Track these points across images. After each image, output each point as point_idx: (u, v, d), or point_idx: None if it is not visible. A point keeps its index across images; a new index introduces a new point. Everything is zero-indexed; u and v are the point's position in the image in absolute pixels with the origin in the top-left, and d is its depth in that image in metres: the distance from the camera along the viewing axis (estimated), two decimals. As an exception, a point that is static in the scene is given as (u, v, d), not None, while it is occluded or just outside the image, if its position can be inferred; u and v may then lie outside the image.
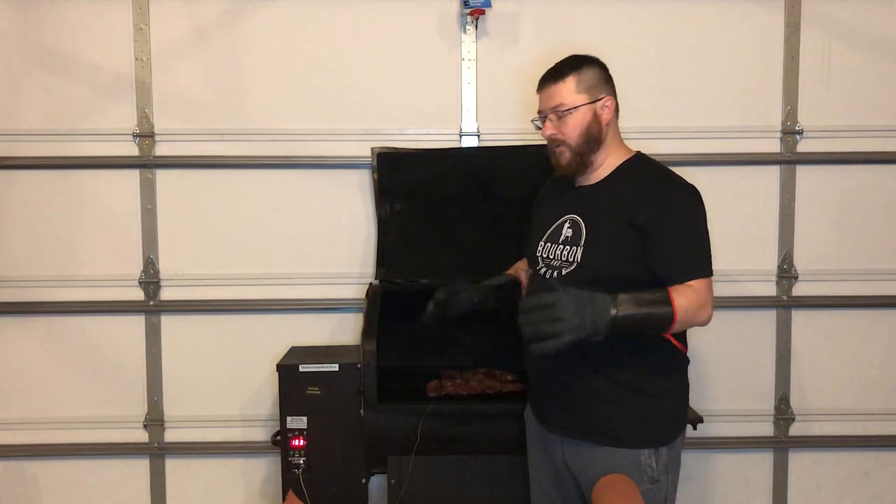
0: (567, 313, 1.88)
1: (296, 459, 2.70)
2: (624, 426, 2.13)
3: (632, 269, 2.08)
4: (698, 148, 3.12)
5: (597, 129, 2.18)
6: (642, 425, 2.14)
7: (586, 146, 2.18)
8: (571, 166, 2.20)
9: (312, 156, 3.13)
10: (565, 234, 2.20)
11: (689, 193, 2.14)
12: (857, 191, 3.18)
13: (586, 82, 2.18)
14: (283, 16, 3.11)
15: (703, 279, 2.06)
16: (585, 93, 2.17)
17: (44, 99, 3.11)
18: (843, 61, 3.14)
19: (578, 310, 1.89)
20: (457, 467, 2.66)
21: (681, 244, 2.07)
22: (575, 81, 2.17)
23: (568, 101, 2.17)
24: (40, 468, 3.23)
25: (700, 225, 2.12)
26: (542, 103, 2.23)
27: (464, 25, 3.10)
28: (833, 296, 3.20)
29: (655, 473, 2.13)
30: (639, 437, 2.13)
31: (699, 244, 2.09)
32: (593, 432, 2.16)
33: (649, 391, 2.14)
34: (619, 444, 2.13)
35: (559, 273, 2.17)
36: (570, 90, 2.17)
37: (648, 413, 2.14)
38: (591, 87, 2.18)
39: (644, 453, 2.12)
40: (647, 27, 3.13)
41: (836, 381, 3.24)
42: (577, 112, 2.17)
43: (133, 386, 3.20)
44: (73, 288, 3.15)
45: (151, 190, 3.14)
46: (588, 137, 2.17)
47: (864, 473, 3.28)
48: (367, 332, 2.65)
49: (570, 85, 2.17)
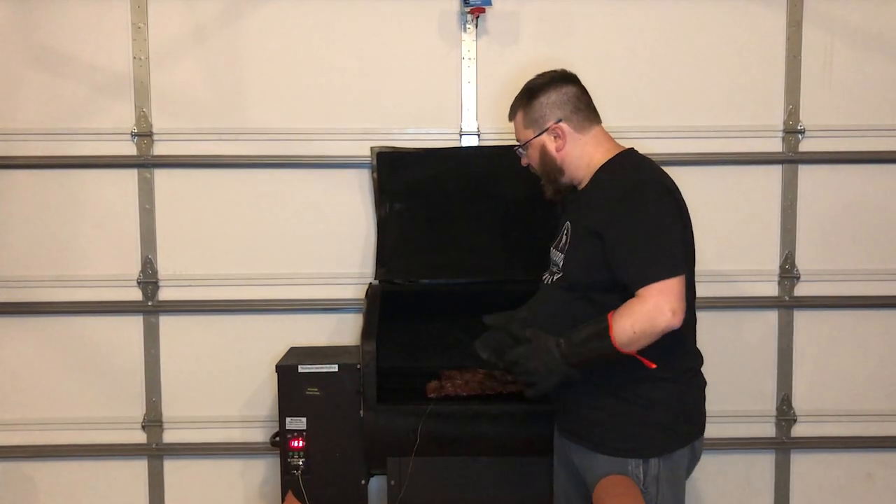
0: (531, 366, 2.04)
1: (295, 461, 2.68)
2: (611, 434, 2.10)
3: (600, 275, 2.05)
4: (699, 147, 3.10)
5: (549, 159, 2.20)
6: (629, 435, 2.09)
7: (549, 174, 2.22)
8: (550, 192, 2.25)
9: (312, 155, 3.12)
10: (563, 241, 2.20)
11: (648, 190, 2.05)
12: (859, 190, 3.17)
13: (532, 115, 2.19)
14: (281, 14, 3.10)
15: (656, 283, 1.96)
16: (531, 127, 2.20)
17: (41, 98, 3.09)
18: (845, 60, 3.13)
19: (539, 361, 2.03)
20: (457, 468, 2.65)
21: (633, 247, 2.00)
22: (522, 116, 2.22)
23: (521, 137, 2.24)
24: (37, 469, 3.22)
25: (655, 223, 2.01)
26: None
27: (464, 24, 3.09)
28: (835, 296, 3.19)
29: (643, 484, 2.07)
30: (625, 447, 2.09)
31: (654, 244, 1.99)
32: (585, 437, 2.16)
33: (637, 400, 2.09)
34: (605, 452, 2.11)
35: (552, 279, 2.20)
36: (520, 126, 2.23)
37: (636, 422, 2.09)
38: (537, 120, 2.19)
39: (631, 463, 2.08)
40: (648, 25, 3.12)
41: (839, 381, 3.23)
42: (530, 146, 2.22)
43: (131, 387, 3.19)
44: (70, 288, 3.14)
45: (150, 189, 3.13)
46: (545, 167, 2.22)
47: (867, 475, 3.27)
48: (366, 333, 2.64)
49: (519, 121, 2.24)
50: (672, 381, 2.11)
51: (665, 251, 1.99)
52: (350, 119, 3.12)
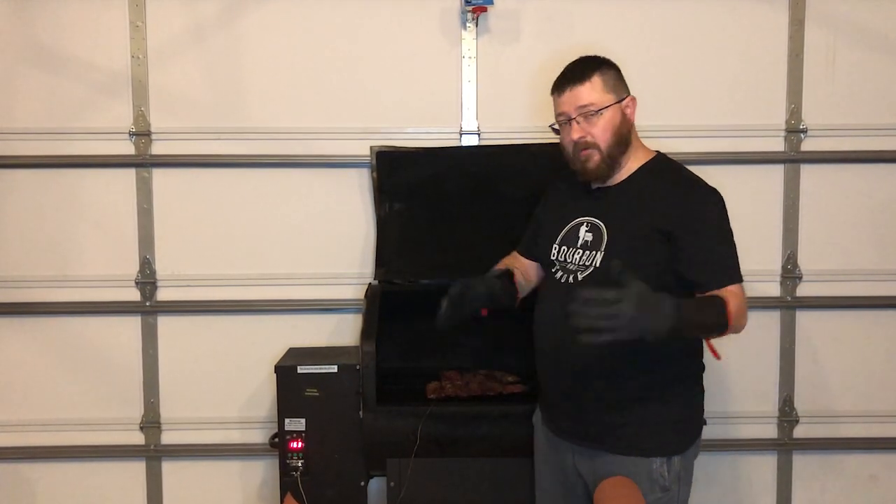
0: (629, 311, 1.76)
1: (294, 462, 2.68)
2: (636, 434, 2.10)
3: (656, 275, 1.99)
4: (700, 147, 3.09)
5: (626, 129, 2.14)
6: (655, 434, 2.10)
7: (616, 147, 2.12)
8: (601, 169, 2.14)
9: (311, 154, 3.11)
10: (584, 238, 2.15)
11: (716, 197, 2.10)
12: (862, 190, 3.15)
13: (611, 81, 2.13)
14: (281, 12, 3.09)
15: (739, 284, 2.03)
16: (612, 92, 2.12)
17: (39, 97, 3.08)
18: (848, 58, 3.11)
19: (641, 310, 1.77)
20: (457, 470, 2.64)
21: (714, 249, 2.05)
22: (601, 81, 2.12)
23: (598, 102, 2.11)
24: (35, 471, 3.21)
25: (730, 229, 2.09)
26: (563, 105, 2.14)
27: (465, 22, 3.08)
28: (838, 296, 3.17)
29: (667, 482, 2.09)
30: (651, 446, 2.10)
31: (731, 249, 2.07)
32: (605, 440, 2.12)
33: (663, 399, 2.11)
34: (630, 453, 2.09)
35: (575, 277, 2.13)
36: (597, 90, 2.11)
37: (661, 421, 2.11)
38: (616, 87, 2.14)
39: (656, 461, 2.09)
40: (649, 24, 3.11)
41: (841, 382, 3.21)
42: (607, 112, 2.11)
43: (129, 387, 3.18)
44: (68, 288, 3.13)
45: (148, 189, 3.12)
46: (618, 138, 2.12)
47: (871, 477, 3.26)
48: (366, 333, 2.64)
49: (596, 85, 2.11)
50: (690, 378, 2.17)
51: (736, 256, 2.07)
52: (349, 118, 3.11)
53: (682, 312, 1.85)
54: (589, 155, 2.13)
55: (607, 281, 1.89)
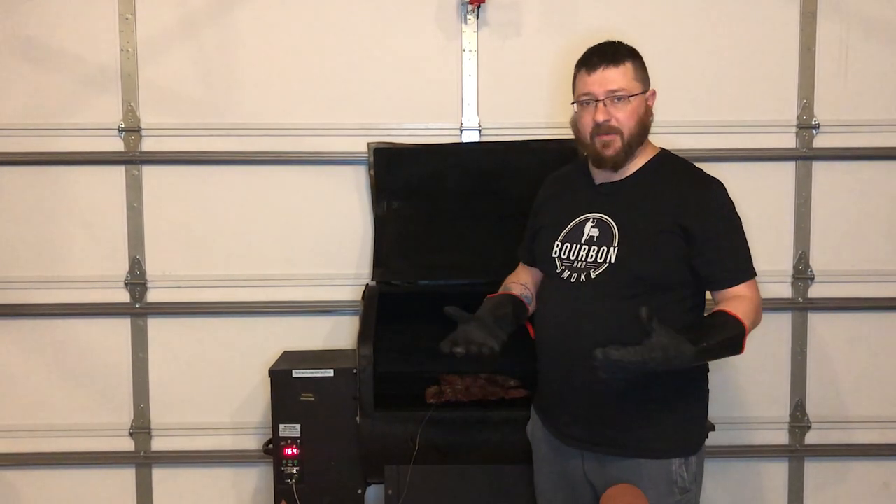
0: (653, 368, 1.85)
1: (289, 469, 2.68)
2: (655, 437, 2.09)
3: (673, 269, 2.07)
4: (710, 143, 3.08)
5: (649, 120, 2.15)
6: (674, 434, 2.10)
7: (637, 137, 2.12)
8: (619, 156, 2.11)
9: (306, 151, 3.10)
10: (589, 234, 2.14)
11: (724, 188, 2.14)
12: (875, 187, 3.13)
13: (640, 71, 2.14)
14: (275, 4, 3.08)
15: (752, 281, 2.09)
16: (640, 81, 2.13)
17: (24, 92, 3.07)
18: (861, 52, 3.10)
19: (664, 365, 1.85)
20: (457, 477, 2.63)
21: (728, 246, 2.09)
22: (633, 68, 2.12)
23: (628, 88, 2.10)
24: (21, 478, 3.19)
25: (740, 222, 2.13)
26: (592, 85, 2.11)
27: (464, 15, 3.06)
28: (851, 298, 3.15)
29: (686, 483, 2.10)
30: (671, 447, 2.10)
31: (744, 245, 2.12)
32: (622, 445, 2.10)
33: (680, 399, 2.11)
34: (649, 456, 2.08)
35: (588, 275, 2.09)
36: (629, 77, 2.11)
37: (679, 421, 2.12)
38: (644, 77, 2.15)
39: (675, 463, 2.09)
40: (656, 17, 3.08)
41: (855, 387, 3.19)
42: (635, 100, 2.11)
43: (118, 392, 3.16)
44: (55, 289, 3.13)
45: (137, 187, 3.10)
46: (641, 128, 2.12)
47: (884, 484, 3.23)
48: (363, 336, 2.62)
49: (629, 71, 2.11)
50: (699, 377, 2.19)
51: (748, 248, 2.13)
52: (346, 113, 3.10)
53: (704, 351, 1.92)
54: (610, 141, 2.10)
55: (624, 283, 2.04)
